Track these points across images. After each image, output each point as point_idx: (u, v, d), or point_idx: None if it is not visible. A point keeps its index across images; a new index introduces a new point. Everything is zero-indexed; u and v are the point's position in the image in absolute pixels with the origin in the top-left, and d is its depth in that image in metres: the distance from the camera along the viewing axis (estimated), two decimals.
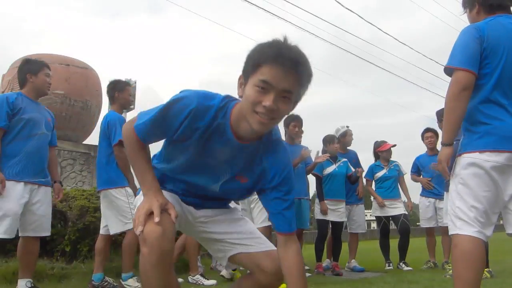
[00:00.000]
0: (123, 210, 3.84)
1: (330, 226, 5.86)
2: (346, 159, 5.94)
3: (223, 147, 1.61)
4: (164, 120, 1.58)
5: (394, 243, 6.45)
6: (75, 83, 6.85)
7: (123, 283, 3.83)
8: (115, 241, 4.44)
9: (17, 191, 3.38)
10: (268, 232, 4.09)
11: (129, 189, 3.91)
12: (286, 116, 5.53)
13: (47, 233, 3.70)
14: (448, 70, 2.32)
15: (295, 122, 5.28)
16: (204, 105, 1.55)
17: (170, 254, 1.54)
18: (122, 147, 3.67)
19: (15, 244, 4.57)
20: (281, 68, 1.45)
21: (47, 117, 3.77)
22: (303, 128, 5.48)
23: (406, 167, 6.82)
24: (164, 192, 1.67)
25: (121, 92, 4.21)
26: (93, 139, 7.52)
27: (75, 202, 4.77)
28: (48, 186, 3.69)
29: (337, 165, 5.81)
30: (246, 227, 1.84)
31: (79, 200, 4.80)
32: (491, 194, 2.20)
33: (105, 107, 8.55)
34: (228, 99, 1.61)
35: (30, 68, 3.70)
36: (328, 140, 5.87)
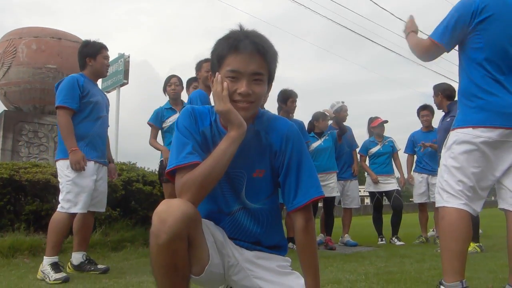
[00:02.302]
0: None
1: (322, 200, 5.91)
2: (332, 131, 5.95)
3: None
4: (189, 132, 1.60)
5: (387, 218, 6.54)
6: (68, 57, 6.74)
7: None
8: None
9: (90, 168, 3.56)
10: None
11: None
12: (281, 93, 5.50)
13: (103, 208, 3.87)
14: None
15: (293, 98, 5.37)
16: (201, 109, 1.66)
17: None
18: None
19: (10, 219, 4.61)
20: (243, 53, 1.51)
21: (106, 100, 3.92)
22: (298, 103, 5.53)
23: (402, 143, 6.87)
24: (215, 228, 1.64)
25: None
26: None
27: None
28: (106, 165, 3.86)
29: (322, 140, 5.83)
30: (296, 282, 1.65)
31: None
32: (481, 170, 2.23)
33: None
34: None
35: (88, 52, 3.77)
36: (318, 117, 5.90)
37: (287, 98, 5.36)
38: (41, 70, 6.51)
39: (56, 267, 3.30)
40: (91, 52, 3.77)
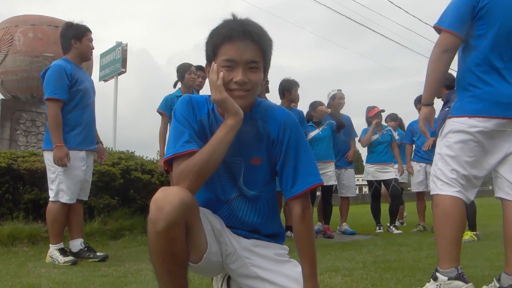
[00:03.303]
0: None
1: (320, 189, 5.93)
2: (330, 121, 5.94)
3: None
4: (187, 121, 1.60)
5: (385, 207, 6.57)
6: None
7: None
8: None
9: (80, 159, 3.57)
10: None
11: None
12: (284, 82, 5.48)
13: (86, 197, 3.85)
14: (437, 30, 2.31)
15: (297, 87, 5.40)
16: (198, 98, 1.67)
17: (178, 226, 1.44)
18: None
19: (8, 208, 4.62)
20: (238, 42, 1.51)
21: (91, 83, 3.88)
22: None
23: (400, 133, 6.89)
24: (213, 216, 1.65)
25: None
26: None
27: None
28: (95, 151, 3.85)
29: (320, 129, 5.83)
30: (293, 270, 1.65)
31: None
32: (475, 159, 2.22)
33: (96, 70, 8.46)
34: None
35: (74, 34, 3.68)
36: (315, 106, 5.91)
37: (292, 87, 5.36)
38: (38, 58, 6.47)
39: (63, 251, 3.47)
40: (77, 34, 3.67)
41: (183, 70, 4.86)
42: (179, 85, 4.99)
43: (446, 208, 2.25)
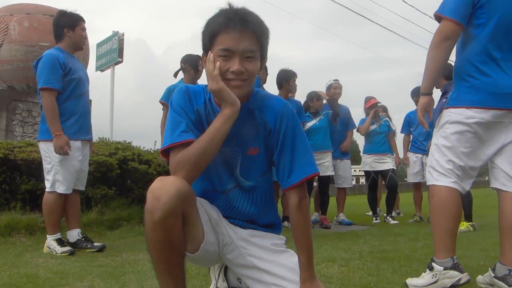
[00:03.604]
0: None
1: (316, 179, 5.95)
2: (327, 111, 5.94)
3: None
4: (184, 111, 1.59)
5: (381, 197, 6.61)
6: None
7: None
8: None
9: (76, 149, 3.56)
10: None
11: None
12: (282, 72, 5.47)
13: (83, 187, 3.85)
14: (437, 18, 2.29)
15: (295, 77, 5.39)
16: (195, 88, 1.66)
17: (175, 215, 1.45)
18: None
19: (5, 199, 4.61)
20: (234, 31, 1.50)
21: (85, 72, 3.86)
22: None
23: (398, 123, 6.89)
24: (210, 206, 1.65)
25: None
26: None
27: None
28: (90, 141, 3.86)
29: (317, 119, 5.83)
30: (290, 260, 1.65)
31: None
32: (471, 150, 2.22)
33: (92, 59, 8.40)
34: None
35: (67, 22, 3.64)
36: (312, 97, 5.91)
37: (290, 78, 5.35)
38: (34, 48, 6.42)
39: (60, 241, 3.50)
40: (70, 23, 3.64)
41: (195, 62, 4.76)
42: (180, 75, 4.93)
43: (442, 198, 2.26)
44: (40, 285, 2.40)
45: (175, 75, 4.99)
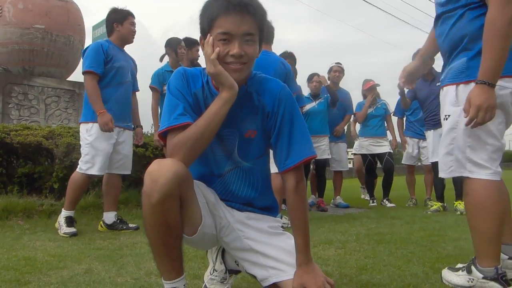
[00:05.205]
0: None
1: (313, 162, 5.95)
2: (327, 95, 5.92)
3: None
4: (181, 94, 1.59)
5: (378, 180, 6.62)
6: (56, 17, 6.56)
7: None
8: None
9: (107, 134, 3.69)
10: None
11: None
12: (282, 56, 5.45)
13: (129, 171, 4.03)
14: None
15: (294, 62, 5.39)
16: (193, 71, 1.66)
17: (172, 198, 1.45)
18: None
19: (2, 182, 4.61)
20: (234, 14, 1.48)
21: (132, 65, 4.02)
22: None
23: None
24: (207, 189, 1.66)
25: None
26: (78, 75, 7.34)
27: (61, 140, 4.72)
28: (130, 130, 4.01)
29: (317, 102, 5.83)
30: (286, 243, 1.65)
31: (65, 137, 4.75)
32: (503, 126, 1.90)
33: (88, 42, 8.30)
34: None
35: (116, 18, 3.90)
36: (310, 78, 5.95)
37: (290, 63, 5.33)
38: (29, 30, 6.35)
39: (69, 220, 3.58)
40: (119, 18, 3.89)
41: (175, 46, 4.88)
42: (166, 59, 4.98)
43: (479, 197, 1.89)
44: (38, 267, 2.41)
45: (161, 59, 5.08)
